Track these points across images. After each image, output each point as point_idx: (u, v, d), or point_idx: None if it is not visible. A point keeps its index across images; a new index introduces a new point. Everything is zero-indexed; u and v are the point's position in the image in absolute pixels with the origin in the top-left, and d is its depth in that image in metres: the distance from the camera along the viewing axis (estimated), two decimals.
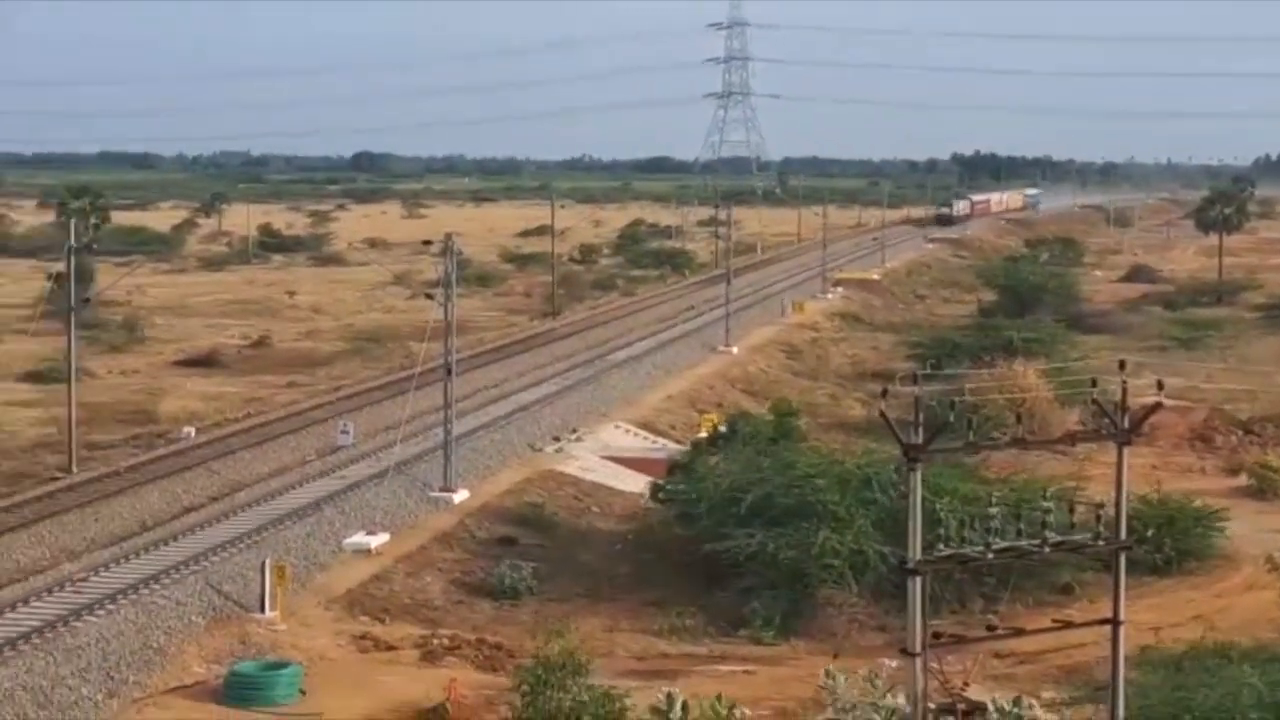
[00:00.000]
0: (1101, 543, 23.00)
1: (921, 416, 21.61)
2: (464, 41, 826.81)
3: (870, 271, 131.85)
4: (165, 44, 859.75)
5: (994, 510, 22.07)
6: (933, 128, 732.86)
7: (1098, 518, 23.07)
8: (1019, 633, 27.78)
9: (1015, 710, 20.52)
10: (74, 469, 51.73)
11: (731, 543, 41.95)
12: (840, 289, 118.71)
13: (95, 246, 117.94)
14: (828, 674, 19.41)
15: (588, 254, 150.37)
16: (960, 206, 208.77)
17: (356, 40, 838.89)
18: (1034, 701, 23.38)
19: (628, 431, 63.67)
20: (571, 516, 50.41)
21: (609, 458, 58.20)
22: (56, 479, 50.75)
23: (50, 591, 37.96)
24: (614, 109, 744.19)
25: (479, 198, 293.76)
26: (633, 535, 47.52)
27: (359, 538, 44.09)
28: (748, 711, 17.86)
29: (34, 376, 70.95)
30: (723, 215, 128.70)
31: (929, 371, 26.06)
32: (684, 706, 17.86)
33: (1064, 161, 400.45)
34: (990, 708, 20.97)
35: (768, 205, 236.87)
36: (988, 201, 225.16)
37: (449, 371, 50.86)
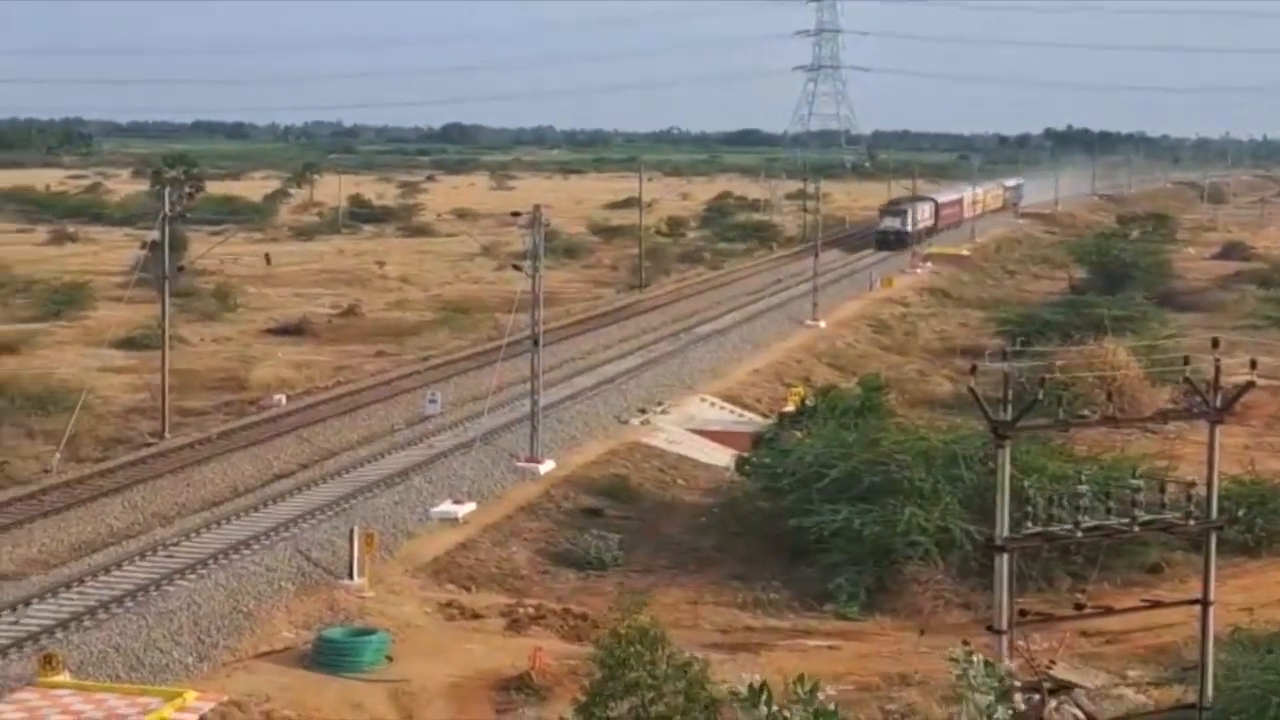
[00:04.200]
0: (1192, 522, 22.85)
1: (1011, 393, 21.53)
2: (553, 11, 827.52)
3: (960, 246, 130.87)
4: (259, 14, 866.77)
5: (1083, 488, 21.98)
6: (1024, 102, 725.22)
7: (1188, 497, 22.91)
8: (1107, 611, 27.72)
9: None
10: (167, 435, 52.41)
11: (817, 517, 41.86)
12: (929, 264, 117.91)
13: (189, 215, 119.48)
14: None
15: (675, 227, 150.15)
16: (918, 214, 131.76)
17: (447, 10, 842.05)
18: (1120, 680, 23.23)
19: (713, 405, 63.64)
20: (657, 489, 50.49)
21: (694, 430, 58.21)
22: (150, 444, 51.44)
23: (143, 555, 38.51)
24: (703, 81, 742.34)
25: (567, 170, 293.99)
26: (718, 508, 47.52)
27: (446, 506, 44.40)
28: (831, 691, 17.73)
29: (128, 343, 71.86)
30: (811, 189, 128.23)
31: (1018, 348, 25.93)
32: (769, 701, 17.58)
33: (1158, 137, 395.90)
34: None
35: (856, 179, 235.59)
36: (959, 201, 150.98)
37: (536, 343, 51.02)
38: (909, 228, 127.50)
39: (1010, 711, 18.84)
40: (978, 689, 18.43)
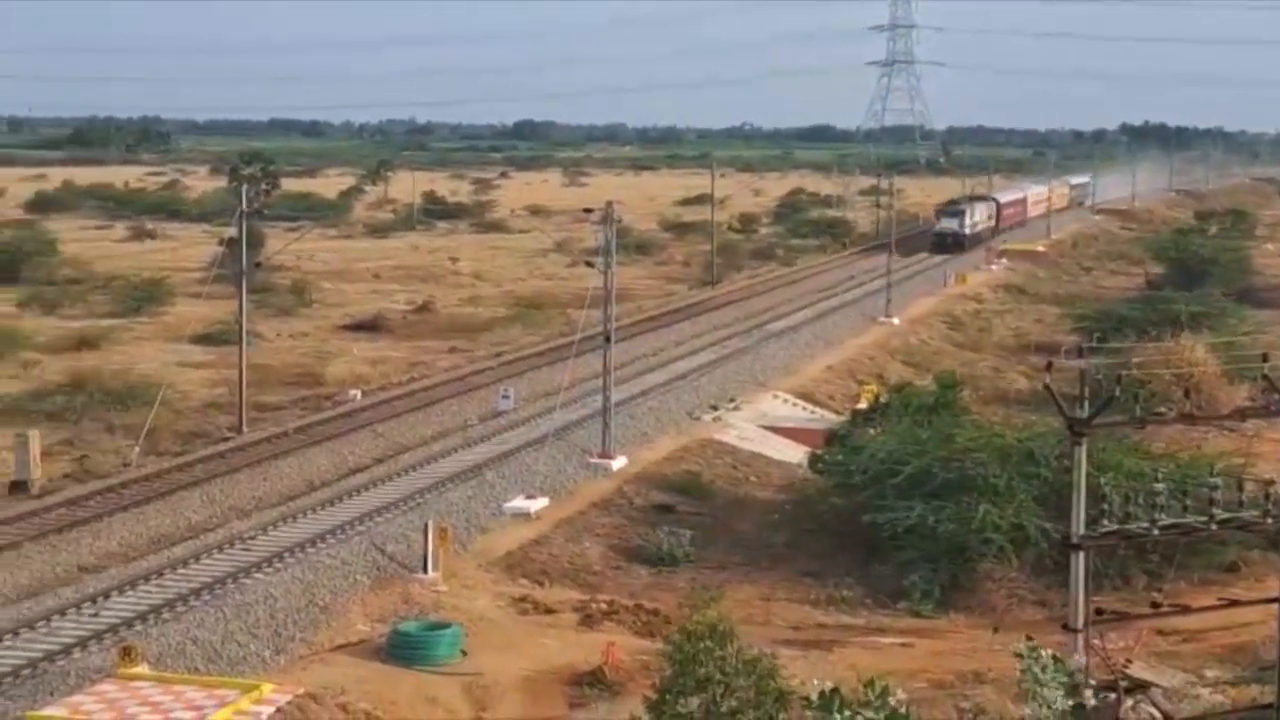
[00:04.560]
0: (1270, 521, 22.61)
1: (1087, 390, 21.42)
2: (626, 9, 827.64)
3: (1036, 243, 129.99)
4: (333, 13, 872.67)
5: (1160, 486, 21.81)
6: (1100, 97, 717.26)
7: (1266, 495, 22.69)
8: (1184, 610, 27.45)
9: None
10: (244, 429, 52.92)
11: (891, 514, 41.75)
12: (1005, 260, 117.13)
13: (265, 212, 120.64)
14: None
15: (747, 223, 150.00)
16: (977, 214, 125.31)
17: (521, 8, 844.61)
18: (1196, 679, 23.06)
19: (786, 401, 63.55)
20: (729, 485, 50.49)
21: (767, 427, 58.14)
22: (227, 439, 51.98)
23: (221, 549, 38.94)
24: (776, 77, 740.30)
25: (639, 166, 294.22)
26: (790, 505, 47.47)
27: (519, 502, 44.58)
28: (902, 695, 17.63)
29: (206, 339, 72.62)
30: (884, 184, 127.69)
31: (1095, 345, 25.77)
32: (841, 708, 17.45)
33: (1236, 132, 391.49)
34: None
35: (931, 175, 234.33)
36: (1022, 200, 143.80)
37: (608, 339, 51.14)
38: (966, 230, 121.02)
39: (1072, 704, 18.75)
40: (1045, 684, 18.35)
